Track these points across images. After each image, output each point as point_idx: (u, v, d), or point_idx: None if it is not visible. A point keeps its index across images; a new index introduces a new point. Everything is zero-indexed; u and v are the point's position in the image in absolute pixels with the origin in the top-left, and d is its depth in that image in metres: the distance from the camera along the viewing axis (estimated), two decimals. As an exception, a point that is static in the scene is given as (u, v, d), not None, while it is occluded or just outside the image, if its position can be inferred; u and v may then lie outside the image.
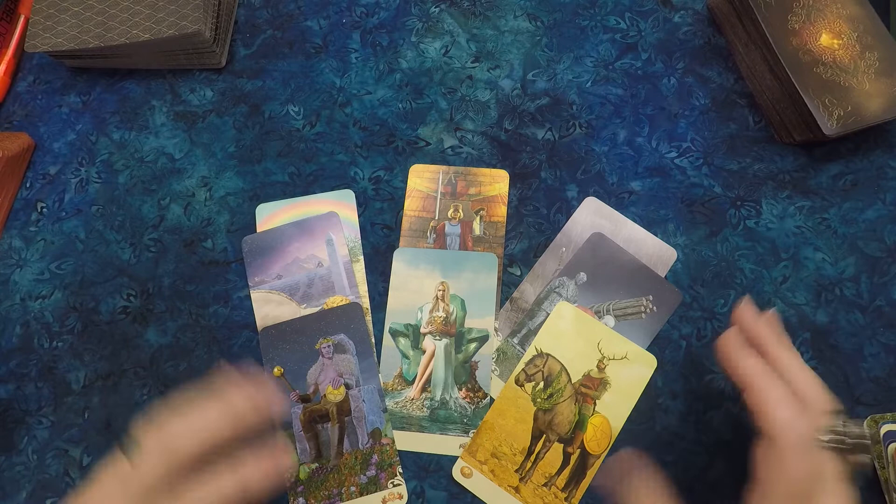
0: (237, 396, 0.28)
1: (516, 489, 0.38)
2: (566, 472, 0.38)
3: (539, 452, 0.39)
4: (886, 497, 0.37)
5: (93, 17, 0.47)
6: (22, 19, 0.52)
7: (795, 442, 0.28)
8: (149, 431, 0.28)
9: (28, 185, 0.47)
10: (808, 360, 0.41)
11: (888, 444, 0.38)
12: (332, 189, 0.46)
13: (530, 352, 0.41)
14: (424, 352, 0.42)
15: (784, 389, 0.29)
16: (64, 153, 0.48)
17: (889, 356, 0.41)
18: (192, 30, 0.45)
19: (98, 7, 0.47)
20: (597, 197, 0.45)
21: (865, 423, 0.38)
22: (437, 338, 0.42)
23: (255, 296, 0.43)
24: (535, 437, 0.39)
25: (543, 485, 0.38)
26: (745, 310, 0.33)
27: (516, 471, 0.39)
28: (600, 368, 0.40)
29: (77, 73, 0.51)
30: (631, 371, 0.40)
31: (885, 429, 0.38)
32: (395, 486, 0.38)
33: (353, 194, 0.46)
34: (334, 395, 0.40)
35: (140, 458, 0.27)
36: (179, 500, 0.27)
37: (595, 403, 0.40)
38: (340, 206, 0.45)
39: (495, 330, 0.42)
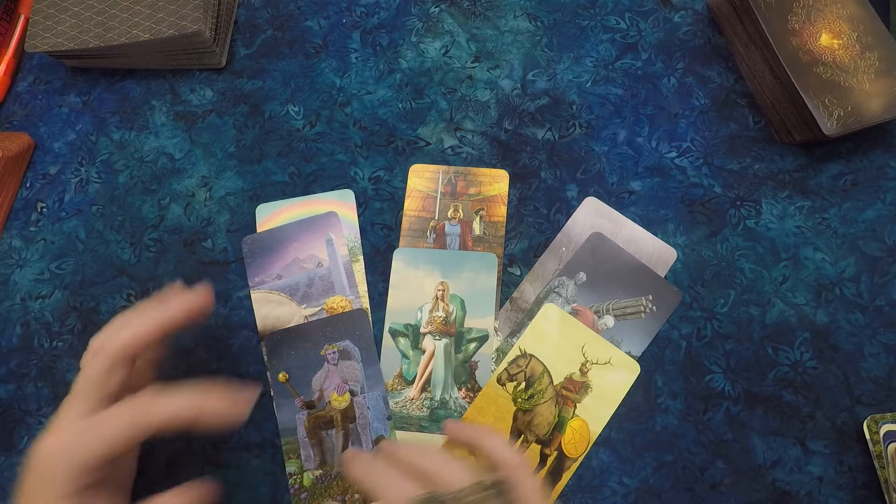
0: (176, 301, 0.32)
1: None
2: (542, 473, 0.38)
3: None
4: (886, 497, 0.37)
5: (93, 17, 0.47)
6: (22, 19, 0.52)
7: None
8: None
9: (28, 185, 0.47)
10: (808, 360, 0.41)
11: (888, 444, 0.38)
12: (332, 189, 0.46)
13: (514, 352, 0.41)
14: (424, 352, 0.42)
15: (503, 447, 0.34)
16: (64, 153, 0.48)
17: (889, 356, 0.41)
18: (192, 30, 0.45)
19: (98, 7, 0.47)
20: (597, 197, 0.45)
21: (865, 423, 0.38)
22: (437, 338, 0.42)
23: (255, 296, 0.43)
24: (514, 437, 0.39)
25: None
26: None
27: None
28: (583, 372, 0.40)
29: (77, 73, 0.51)
30: (613, 376, 0.40)
31: (884, 429, 0.38)
32: None
33: (353, 194, 0.46)
34: (339, 401, 0.40)
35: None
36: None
37: (575, 406, 0.40)
38: (340, 206, 0.45)
39: (495, 330, 0.42)
